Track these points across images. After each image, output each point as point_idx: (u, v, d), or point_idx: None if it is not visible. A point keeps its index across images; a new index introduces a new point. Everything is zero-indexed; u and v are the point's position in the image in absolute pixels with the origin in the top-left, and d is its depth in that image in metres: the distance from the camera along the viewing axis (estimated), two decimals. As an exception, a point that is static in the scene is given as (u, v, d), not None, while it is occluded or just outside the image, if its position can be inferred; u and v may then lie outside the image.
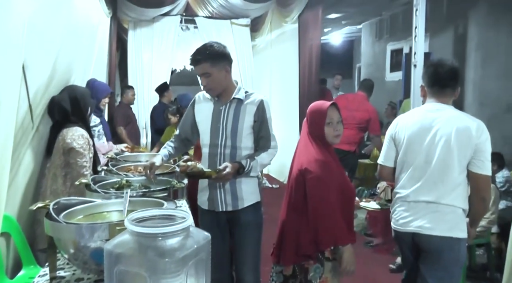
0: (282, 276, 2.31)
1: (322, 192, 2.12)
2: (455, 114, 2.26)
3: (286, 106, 7.29)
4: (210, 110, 2.41)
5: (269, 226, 5.12)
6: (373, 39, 8.40)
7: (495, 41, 5.59)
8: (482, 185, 2.19)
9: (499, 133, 5.84)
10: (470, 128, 2.17)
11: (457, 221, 2.19)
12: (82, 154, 2.71)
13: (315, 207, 2.12)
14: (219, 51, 2.32)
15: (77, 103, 2.88)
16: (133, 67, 6.94)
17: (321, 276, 2.22)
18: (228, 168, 2.24)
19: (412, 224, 2.26)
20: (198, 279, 1.13)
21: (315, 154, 2.17)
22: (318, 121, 2.20)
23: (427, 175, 2.23)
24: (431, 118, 2.26)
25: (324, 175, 2.13)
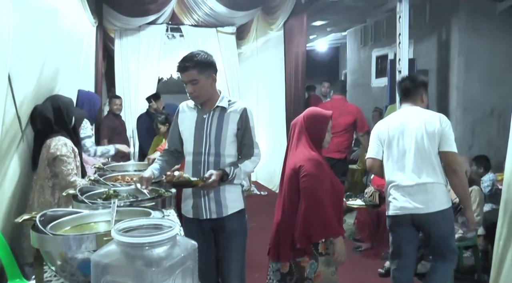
0: (279, 274, 2.46)
1: (314, 189, 2.30)
2: (422, 111, 2.83)
3: (273, 114, 7.33)
4: (194, 118, 2.44)
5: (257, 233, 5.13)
6: (358, 45, 8.49)
7: (477, 47, 5.71)
8: (451, 159, 2.68)
9: (484, 137, 5.95)
10: (435, 120, 2.72)
11: (445, 195, 2.70)
12: (66, 162, 2.69)
13: (307, 202, 2.30)
14: (207, 59, 2.36)
15: (60, 113, 2.86)
16: (120, 76, 6.93)
17: (316, 270, 2.39)
18: (213, 176, 2.26)
19: (411, 206, 2.69)
20: (186, 286, 1.13)
21: (309, 154, 2.37)
22: (321, 126, 2.45)
23: (411, 162, 2.71)
24: (405, 117, 2.83)
25: (317, 173, 2.32)
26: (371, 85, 8.03)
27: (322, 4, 5.97)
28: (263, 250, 4.55)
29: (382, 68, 7.54)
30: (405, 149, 2.74)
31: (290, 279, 2.43)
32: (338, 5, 6.06)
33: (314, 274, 2.39)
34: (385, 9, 6.74)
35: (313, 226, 2.31)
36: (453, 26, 5.91)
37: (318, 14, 6.96)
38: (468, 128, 5.80)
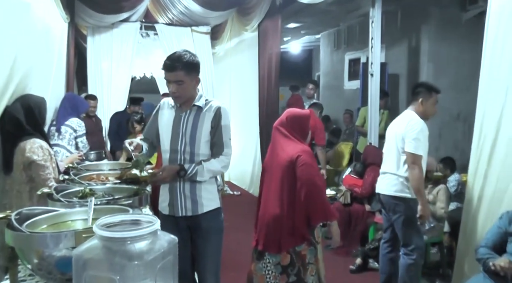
0: (280, 267, 2.60)
1: (312, 176, 2.51)
2: (407, 115, 3.27)
3: (246, 114, 7.37)
4: (172, 117, 2.46)
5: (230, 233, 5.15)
6: (331, 48, 8.63)
7: (446, 54, 5.92)
8: (408, 157, 3.11)
9: (450, 140, 6.17)
10: (405, 123, 3.19)
11: (401, 185, 3.17)
12: (44, 166, 2.61)
13: (307, 189, 2.49)
14: (194, 61, 2.38)
15: (31, 113, 2.74)
16: (92, 74, 6.79)
17: (315, 255, 2.62)
18: (164, 172, 2.32)
19: (379, 187, 3.39)
20: (167, 280, 1.16)
21: (302, 147, 2.60)
22: (305, 124, 2.72)
23: (386, 156, 3.36)
24: (397, 119, 3.36)
25: (312, 162, 2.57)
26: (343, 87, 8.18)
27: (296, 7, 6.04)
28: (236, 250, 4.64)
29: (354, 71, 7.70)
30: (388, 146, 3.35)
31: (292, 270, 2.59)
32: (312, 8, 6.15)
33: (314, 258, 2.62)
34: (358, 14, 6.89)
35: (313, 211, 2.51)
36: (423, 33, 6.11)
37: (292, 16, 7.04)
38: (435, 131, 6.00)
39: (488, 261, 2.28)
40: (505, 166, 2.80)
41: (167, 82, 2.37)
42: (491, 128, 2.93)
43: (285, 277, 2.61)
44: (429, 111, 3.25)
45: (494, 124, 2.89)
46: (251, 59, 6.94)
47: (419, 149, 3.06)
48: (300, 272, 2.59)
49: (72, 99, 4.48)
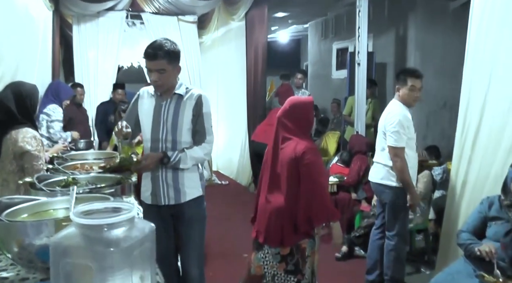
0: (279, 256, 2.58)
1: (316, 176, 2.45)
2: (390, 106, 3.30)
3: (234, 104, 7.35)
4: (152, 105, 2.45)
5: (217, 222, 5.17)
6: (319, 38, 8.63)
7: (433, 43, 5.95)
8: (389, 150, 3.17)
9: (437, 128, 6.23)
10: (384, 117, 3.25)
11: (386, 173, 3.22)
12: (37, 157, 2.56)
13: (310, 189, 2.44)
14: (176, 49, 2.38)
15: (23, 101, 2.65)
16: (78, 64, 6.72)
17: (313, 248, 2.60)
18: (148, 159, 2.32)
19: (370, 175, 3.46)
20: (144, 268, 1.17)
21: (307, 143, 2.50)
22: (310, 111, 2.63)
23: (376, 146, 3.39)
24: (384, 110, 3.36)
25: (316, 161, 2.50)
26: (331, 76, 8.19)
27: (284, -4, 6.04)
28: (223, 239, 4.67)
29: (342, 60, 7.71)
30: (378, 136, 3.39)
31: (291, 259, 2.57)
32: (300, -3, 6.14)
33: (311, 251, 2.60)
34: (345, 3, 6.88)
35: (316, 211, 2.46)
36: (410, 22, 6.13)
37: (280, 5, 7.02)
38: (423, 119, 6.05)
39: (471, 247, 2.32)
40: (487, 153, 2.84)
41: (148, 71, 2.36)
42: (474, 116, 2.96)
43: (284, 265, 2.60)
44: (409, 97, 3.20)
45: (478, 112, 2.93)
46: (238, 48, 6.91)
47: (399, 142, 3.10)
48: (298, 263, 2.59)
49: (56, 87, 4.46)
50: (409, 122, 3.16)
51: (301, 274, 2.60)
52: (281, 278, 2.61)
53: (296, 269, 2.59)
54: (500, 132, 2.74)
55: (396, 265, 3.29)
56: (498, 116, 2.77)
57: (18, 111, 2.62)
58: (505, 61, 2.74)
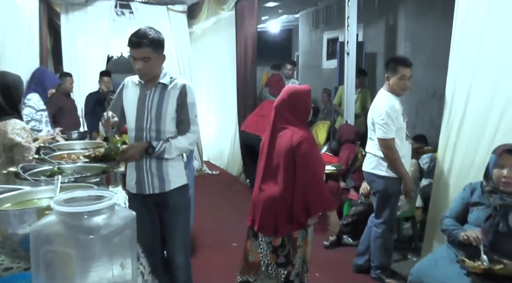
0: (271, 246, 2.61)
1: (312, 166, 2.45)
2: (378, 97, 3.30)
3: (224, 94, 7.34)
4: (137, 94, 2.45)
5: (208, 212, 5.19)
6: (310, 28, 8.61)
7: (423, 33, 5.96)
8: (378, 142, 3.19)
9: (427, 117, 6.27)
10: (372, 108, 3.28)
11: (377, 163, 3.25)
12: (28, 149, 2.56)
13: (306, 179, 2.44)
14: (160, 38, 2.37)
15: (9, 92, 2.63)
16: (67, 53, 6.65)
17: (304, 238, 2.61)
18: (133, 149, 2.33)
19: (363, 165, 3.47)
20: (125, 255, 1.18)
21: (303, 133, 2.49)
22: (307, 99, 2.60)
23: (368, 137, 3.38)
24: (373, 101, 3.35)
25: (313, 150, 2.50)
26: (322, 66, 8.20)
27: (274, -15, 6.00)
28: (213, 228, 4.69)
29: (333, 50, 7.70)
30: (369, 127, 3.38)
31: (282, 251, 2.59)
32: (290, -14, 6.11)
33: (303, 241, 2.62)
34: (335, -7, 6.86)
35: (312, 201, 2.46)
36: (400, 12, 6.13)
37: (270, -5, 6.99)
38: (412, 108, 6.09)
39: (455, 233, 2.35)
40: (471, 141, 2.88)
41: (133, 60, 2.34)
42: (459, 105, 2.99)
43: (275, 257, 2.62)
44: (399, 85, 3.19)
45: (462, 101, 2.96)
46: (228, 38, 6.88)
47: (388, 133, 3.11)
48: (289, 254, 2.60)
49: (41, 74, 4.33)
50: (397, 113, 3.15)
51: (291, 265, 2.62)
52: (274, 269, 2.65)
53: (286, 261, 2.61)
54: (484, 121, 2.78)
55: (382, 252, 3.34)
56: (481, 105, 2.80)
57: (5, 102, 2.61)
58: (489, 52, 2.77)
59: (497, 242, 2.23)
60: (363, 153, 4.56)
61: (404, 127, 3.22)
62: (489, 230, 2.25)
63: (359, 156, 4.50)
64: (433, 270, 2.35)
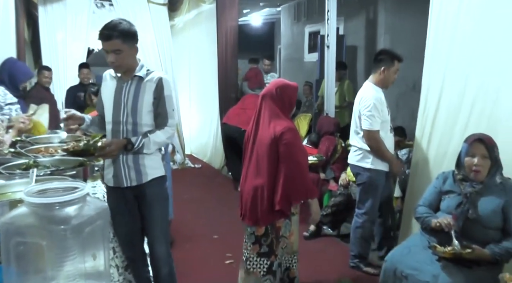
0: (253, 237, 2.66)
1: (295, 155, 2.53)
2: (364, 89, 3.35)
3: (205, 87, 7.32)
4: (113, 88, 2.43)
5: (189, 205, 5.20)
6: (291, 21, 8.63)
7: (402, 26, 6.02)
8: (364, 134, 3.26)
9: (407, 109, 6.35)
10: (358, 100, 3.30)
11: (362, 156, 3.32)
12: (1, 142, 2.55)
13: (289, 168, 2.51)
14: (130, 29, 2.34)
15: None
16: (46, 46, 6.54)
17: (290, 229, 2.68)
18: (112, 145, 2.30)
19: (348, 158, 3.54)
20: (97, 246, 1.20)
21: (286, 124, 2.57)
22: (294, 95, 2.73)
23: (351, 129, 3.45)
24: (358, 93, 3.40)
25: (295, 141, 2.58)
26: (303, 59, 8.23)
27: (255, -22, 6.00)
28: (194, 221, 4.71)
29: (314, 43, 7.74)
30: (353, 120, 3.44)
31: (265, 240, 2.64)
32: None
33: (289, 232, 2.68)
34: (317, -14, 6.89)
35: (294, 189, 2.53)
36: (380, 6, 6.19)
37: (251, -13, 6.97)
38: (393, 101, 6.15)
39: (428, 220, 2.42)
40: (445, 131, 2.95)
41: (105, 53, 2.33)
42: (434, 96, 3.06)
43: (257, 247, 2.65)
44: (390, 79, 3.32)
45: (437, 93, 3.03)
46: (210, 31, 6.84)
47: (374, 125, 3.19)
48: (272, 244, 2.64)
49: (11, 66, 4.12)
50: (382, 105, 3.24)
51: (274, 255, 2.67)
52: (253, 262, 2.68)
53: (269, 251, 2.64)
54: (456, 112, 2.85)
55: (361, 242, 3.42)
56: (454, 97, 2.87)
57: None
58: (460, 45, 2.83)
59: (466, 228, 2.30)
60: (343, 145, 4.63)
61: (388, 120, 3.32)
62: (460, 217, 2.32)
63: (339, 148, 4.56)
64: (406, 257, 2.41)
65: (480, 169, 2.31)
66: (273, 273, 2.69)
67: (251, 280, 2.70)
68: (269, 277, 2.69)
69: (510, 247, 2.21)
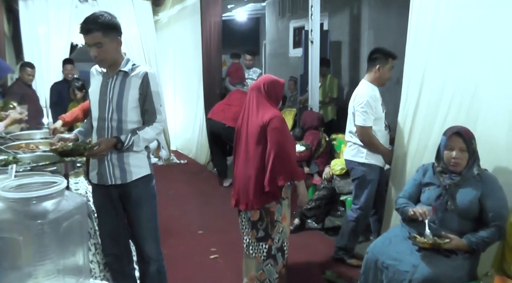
0: (250, 222, 2.86)
1: (281, 140, 2.70)
2: (360, 86, 3.43)
3: (190, 82, 7.30)
4: (99, 83, 2.38)
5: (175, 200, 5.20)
6: (276, 16, 8.63)
7: (386, 22, 6.07)
8: (357, 130, 3.35)
9: (391, 104, 6.40)
10: (353, 97, 3.41)
11: (356, 151, 3.40)
12: None
13: (275, 151, 2.68)
14: (111, 21, 2.26)
15: None
16: (27, 41, 6.45)
17: (281, 213, 2.86)
18: (101, 145, 2.24)
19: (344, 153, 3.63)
20: (75, 241, 1.19)
21: (274, 112, 2.76)
22: (280, 90, 2.91)
23: (347, 126, 3.52)
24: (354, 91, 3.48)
25: (282, 127, 2.75)
26: (288, 55, 8.26)
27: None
28: (179, 217, 4.72)
29: (299, 39, 7.76)
30: (348, 117, 3.51)
31: (261, 225, 2.84)
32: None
33: (281, 216, 2.86)
34: (300, -19, 6.90)
35: (280, 172, 2.70)
36: (364, 1, 6.23)
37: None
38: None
39: (406, 209, 2.46)
40: (425, 125, 2.99)
41: (88, 47, 2.28)
42: (415, 91, 3.10)
43: (255, 232, 2.85)
44: (385, 76, 3.40)
45: (417, 88, 3.07)
46: (194, 26, 6.82)
47: (367, 121, 3.28)
48: (267, 228, 2.83)
49: None
50: (376, 102, 3.32)
51: (270, 238, 2.85)
52: (254, 247, 2.87)
53: (265, 235, 2.84)
54: (436, 106, 2.89)
55: (351, 235, 3.49)
56: (434, 91, 2.92)
57: None
58: (440, 41, 2.87)
59: (446, 219, 2.35)
60: (327, 139, 4.66)
61: (383, 117, 3.40)
62: (439, 208, 2.36)
63: (323, 142, 4.59)
64: (387, 248, 2.46)
65: (458, 161, 2.36)
66: (273, 257, 2.87)
67: (254, 265, 2.89)
68: (269, 261, 2.88)
69: (486, 236, 2.26)
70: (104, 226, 2.50)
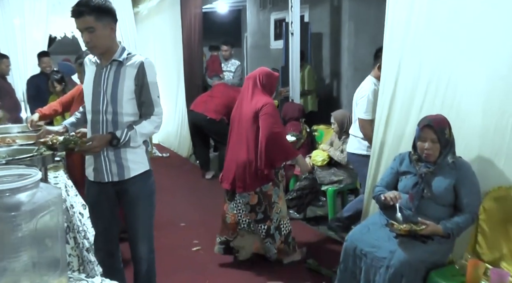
0: (249, 206, 3.13)
1: (273, 124, 2.95)
2: (365, 82, 3.67)
3: (171, 75, 7.25)
4: (92, 74, 2.25)
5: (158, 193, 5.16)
6: (257, 8, 8.60)
7: (366, 13, 6.11)
8: (359, 122, 3.57)
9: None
10: (357, 90, 3.66)
11: (358, 144, 3.62)
12: None
13: (268, 135, 2.93)
14: (105, 5, 2.12)
15: None
16: (2, 32, 6.32)
17: (278, 194, 3.16)
18: (94, 141, 2.14)
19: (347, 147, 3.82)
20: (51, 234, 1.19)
21: (266, 99, 3.03)
22: (274, 82, 3.22)
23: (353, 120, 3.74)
24: None
25: (274, 112, 3.01)
26: (270, 47, 8.25)
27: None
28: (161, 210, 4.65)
29: (280, 31, 7.75)
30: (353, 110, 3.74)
31: (259, 208, 3.10)
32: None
33: (278, 198, 3.14)
34: (281, -28, 6.88)
35: (275, 154, 2.98)
36: (344, -7, 6.26)
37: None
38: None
39: (380, 196, 2.51)
40: (402, 114, 3.03)
41: (80, 33, 2.14)
42: (391, 81, 3.14)
43: (254, 215, 3.13)
44: None
45: (393, 78, 3.11)
46: (174, 18, 6.77)
47: (368, 115, 3.49)
48: (266, 210, 3.10)
49: None
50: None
51: (269, 219, 3.12)
52: (255, 225, 3.18)
53: (264, 217, 3.11)
54: (412, 94, 2.93)
55: (355, 214, 3.60)
56: (410, 80, 2.96)
57: None
58: (415, 32, 2.91)
59: (422, 206, 2.41)
60: (307, 130, 4.70)
61: None
62: (416, 196, 2.42)
63: (304, 133, 4.62)
64: (365, 235, 2.50)
65: (430, 152, 2.41)
66: (271, 236, 3.16)
67: (255, 239, 3.22)
68: (268, 240, 3.18)
69: (461, 222, 2.33)
70: (98, 223, 2.41)
